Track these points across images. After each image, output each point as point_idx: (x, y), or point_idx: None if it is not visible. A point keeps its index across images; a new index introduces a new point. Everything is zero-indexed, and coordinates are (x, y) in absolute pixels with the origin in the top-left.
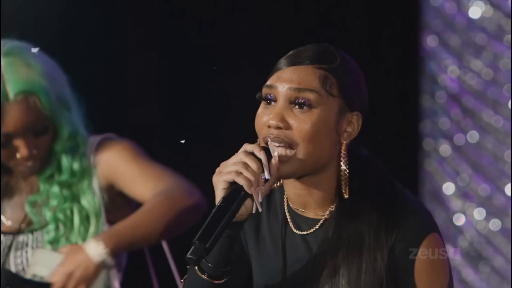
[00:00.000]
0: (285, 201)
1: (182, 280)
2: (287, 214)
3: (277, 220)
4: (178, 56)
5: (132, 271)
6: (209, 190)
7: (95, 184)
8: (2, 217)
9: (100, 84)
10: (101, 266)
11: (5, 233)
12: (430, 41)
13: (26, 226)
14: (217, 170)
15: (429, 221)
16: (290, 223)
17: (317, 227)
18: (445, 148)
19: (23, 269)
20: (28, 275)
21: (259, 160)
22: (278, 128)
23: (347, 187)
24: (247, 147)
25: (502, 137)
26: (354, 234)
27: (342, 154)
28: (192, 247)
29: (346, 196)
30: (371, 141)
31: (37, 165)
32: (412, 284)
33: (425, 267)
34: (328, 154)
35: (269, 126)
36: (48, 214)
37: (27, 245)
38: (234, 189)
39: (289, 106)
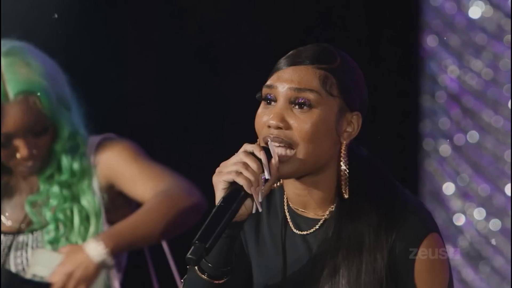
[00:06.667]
0: (285, 201)
1: (182, 280)
2: (287, 214)
3: (277, 220)
4: (178, 56)
5: (132, 271)
6: (209, 190)
7: (95, 184)
8: (2, 217)
9: (100, 84)
10: (101, 266)
11: (5, 233)
12: (430, 41)
13: (26, 226)
14: (217, 170)
15: (429, 221)
16: (290, 223)
17: (317, 227)
18: (445, 148)
19: (23, 269)
20: (28, 275)
21: (259, 160)
22: (278, 128)
23: (347, 187)
24: (247, 147)
25: (502, 137)
26: (354, 234)
27: (342, 154)
28: (192, 247)
29: (346, 196)
30: (371, 141)
31: (37, 165)
32: (412, 284)
33: (425, 267)
34: (328, 154)
35: (269, 126)
36: (48, 214)
37: (27, 245)
38: (234, 189)
39: (289, 106)
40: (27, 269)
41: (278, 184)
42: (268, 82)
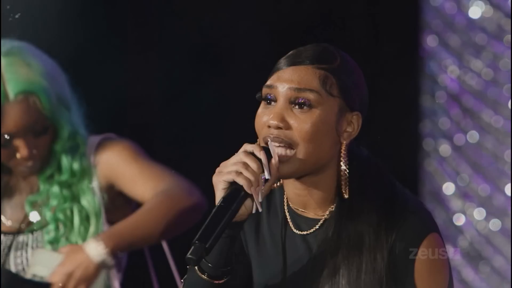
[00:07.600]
0: (285, 201)
1: (182, 280)
2: (287, 214)
3: (277, 220)
4: (178, 56)
5: (132, 271)
6: (209, 190)
7: (95, 184)
8: (2, 217)
9: (100, 84)
10: (101, 266)
11: (5, 233)
12: (430, 41)
13: (26, 226)
14: (217, 170)
15: (429, 221)
16: (290, 223)
17: (317, 227)
18: (445, 148)
19: (23, 269)
20: (28, 275)
21: (259, 160)
22: (278, 128)
23: (347, 187)
24: (247, 147)
25: (502, 137)
26: (354, 234)
27: (342, 154)
28: (192, 247)
29: (346, 196)
30: (371, 141)
31: (37, 165)
32: (412, 284)
33: (425, 267)
34: (328, 154)
35: (269, 126)
36: (48, 214)
37: (27, 245)
38: (234, 189)
39: (289, 106)
40: (27, 269)
41: (278, 184)
42: (268, 82)
